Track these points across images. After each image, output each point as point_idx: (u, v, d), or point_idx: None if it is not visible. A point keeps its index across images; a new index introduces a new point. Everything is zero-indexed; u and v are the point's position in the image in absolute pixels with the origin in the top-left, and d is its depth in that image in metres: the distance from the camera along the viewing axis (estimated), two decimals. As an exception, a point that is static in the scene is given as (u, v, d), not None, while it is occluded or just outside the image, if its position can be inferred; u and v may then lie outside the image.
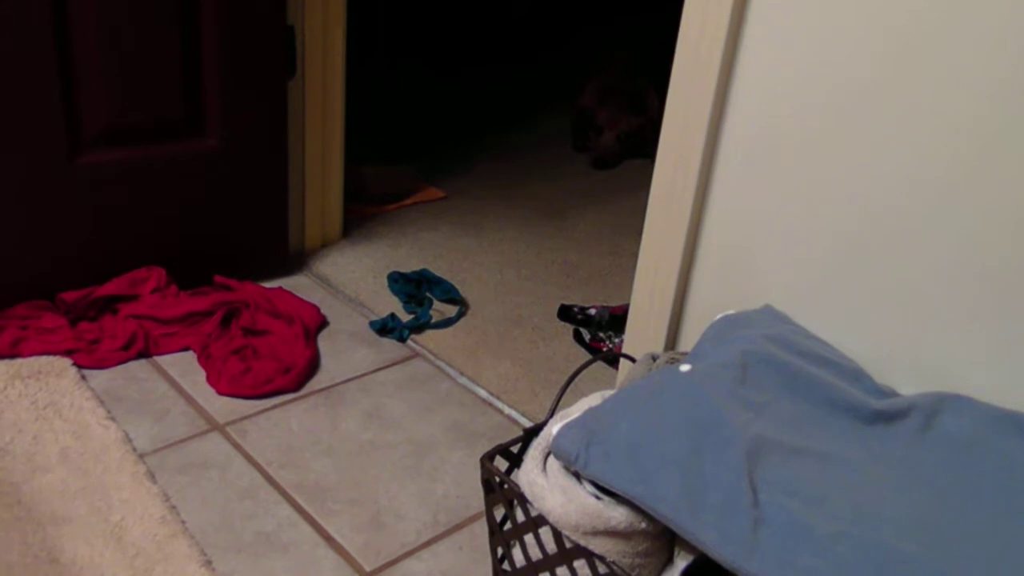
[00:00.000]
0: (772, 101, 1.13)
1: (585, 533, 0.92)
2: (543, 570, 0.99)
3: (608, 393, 1.06)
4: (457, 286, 1.92)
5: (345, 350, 1.69)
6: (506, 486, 1.01)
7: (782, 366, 1.03)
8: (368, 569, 1.20)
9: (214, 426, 1.45)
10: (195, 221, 1.76)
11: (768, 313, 1.16)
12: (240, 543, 1.22)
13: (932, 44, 0.98)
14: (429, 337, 1.75)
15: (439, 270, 2.00)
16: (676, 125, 1.22)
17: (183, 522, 1.23)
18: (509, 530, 1.04)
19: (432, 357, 1.70)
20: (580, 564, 0.95)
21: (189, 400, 1.50)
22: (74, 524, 1.20)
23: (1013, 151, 0.94)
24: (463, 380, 1.64)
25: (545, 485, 0.95)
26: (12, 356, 1.52)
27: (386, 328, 1.74)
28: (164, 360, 1.60)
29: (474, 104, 3.29)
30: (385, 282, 1.93)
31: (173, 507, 1.25)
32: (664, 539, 0.95)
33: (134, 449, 1.36)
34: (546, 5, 3.58)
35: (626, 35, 3.39)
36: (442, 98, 3.30)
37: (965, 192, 0.99)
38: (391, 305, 1.84)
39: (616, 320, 1.81)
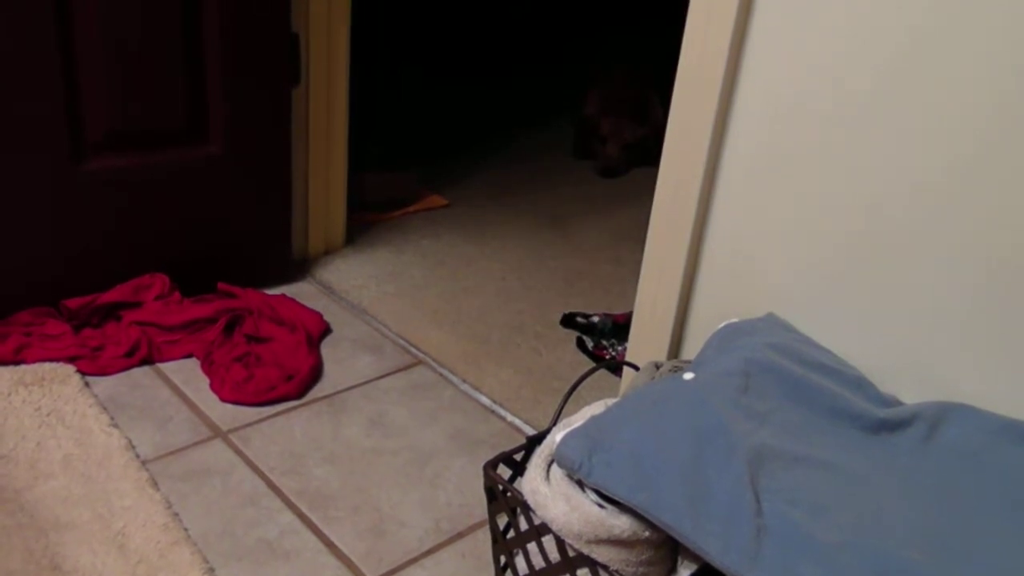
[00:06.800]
0: (775, 111, 1.13)
1: (588, 542, 0.92)
2: (546, 578, 0.99)
3: (611, 401, 1.06)
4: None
5: (348, 357, 1.69)
6: (509, 494, 1.01)
7: (785, 375, 1.03)
8: (370, 577, 1.20)
9: (217, 433, 1.45)
10: (198, 228, 1.76)
11: (771, 321, 1.16)
12: (242, 550, 1.22)
13: (932, 54, 0.98)
14: (432, 344, 1.75)
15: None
16: (679, 135, 1.22)
17: (185, 529, 1.23)
18: (512, 538, 1.04)
19: (435, 364, 1.70)
20: (583, 573, 0.95)
21: (192, 407, 1.50)
22: (77, 531, 1.20)
23: (1013, 159, 0.95)
24: (465, 387, 1.64)
25: (548, 493, 0.95)
26: (16, 363, 1.52)
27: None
28: (167, 367, 1.60)
29: (477, 111, 3.30)
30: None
31: (175, 514, 1.25)
32: (667, 548, 0.95)
33: (137, 456, 1.36)
34: (548, 12, 3.59)
35: (628, 43, 3.39)
36: (445, 106, 3.31)
37: (966, 201, 0.99)
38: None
39: (619, 328, 1.81)
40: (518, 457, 1.09)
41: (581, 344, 1.80)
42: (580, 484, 0.95)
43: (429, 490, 1.37)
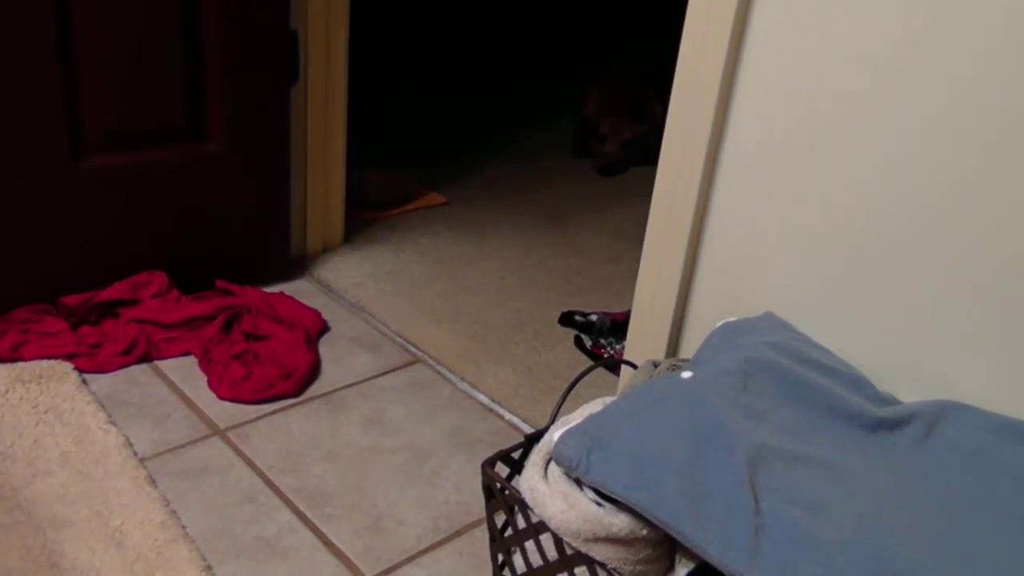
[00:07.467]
0: (773, 111, 1.13)
1: (586, 540, 0.92)
2: (544, 577, 0.99)
3: (609, 400, 1.06)
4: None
5: (346, 355, 1.69)
6: (507, 492, 1.01)
7: (784, 373, 1.03)
8: (368, 575, 1.20)
9: (215, 431, 1.45)
10: (197, 226, 1.76)
11: (769, 320, 1.16)
12: (240, 548, 1.22)
13: (931, 54, 0.98)
14: (430, 342, 1.75)
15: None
16: (678, 134, 1.22)
17: (183, 527, 1.23)
18: (510, 536, 1.04)
19: (433, 362, 1.70)
20: (581, 571, 0.95)
21: (190, 405, 1.50)
22: (74, 528, 1.20)
23: (1013, 160, 0.95)
24: (464, 386, 1.64)
25: (546, 491, 0.95)
26: (13, 360, 1.52)
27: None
28: (165, 365, 1.60)
29: (476, 110, 3.30)
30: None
31: (173, 512, 1.25)
32: (665, 546, 0.95)
33: (135, 453, 1.36)
34: (548, 12, 3.59)
35: (628, 43, 3.40)
36: (444, 104, 3.31)
37: (966, 201, 0.99)
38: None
39: (617, 326, 1.81)
40: (516, 455, 1.09)
41: (579, 343, 1.80)
42: (578, 482, 0.95)
43: (427, 488, 1.37)
